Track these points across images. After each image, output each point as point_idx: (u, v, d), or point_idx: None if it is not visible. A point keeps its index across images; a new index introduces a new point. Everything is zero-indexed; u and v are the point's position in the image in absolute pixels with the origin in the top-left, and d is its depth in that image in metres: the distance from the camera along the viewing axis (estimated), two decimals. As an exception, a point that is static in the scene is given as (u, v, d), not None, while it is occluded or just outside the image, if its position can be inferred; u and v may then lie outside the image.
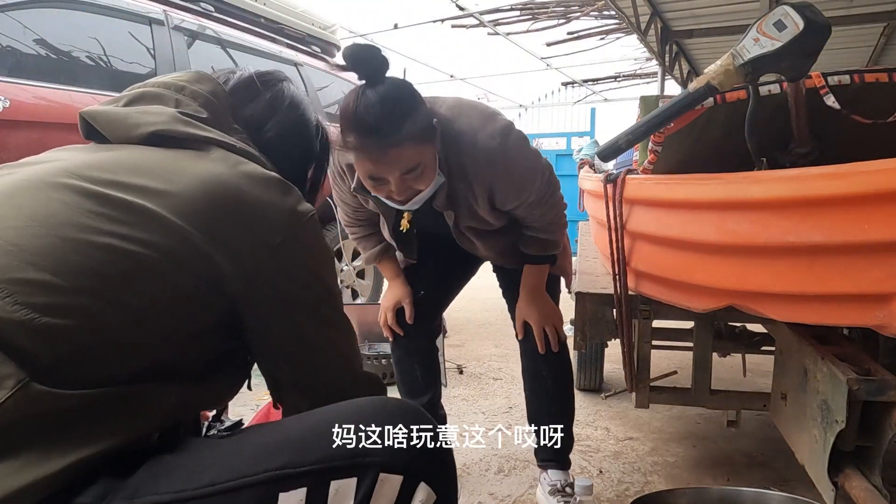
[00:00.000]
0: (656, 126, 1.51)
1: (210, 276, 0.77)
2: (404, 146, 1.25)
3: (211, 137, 0.87)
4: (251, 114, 0.99)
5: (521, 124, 13.17)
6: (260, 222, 0.81)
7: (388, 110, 1.22)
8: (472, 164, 1.42)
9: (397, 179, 1.30)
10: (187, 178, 0.80)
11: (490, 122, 1.44)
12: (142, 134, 0.85)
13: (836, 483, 1.28)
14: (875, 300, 1.07)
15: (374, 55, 1.23)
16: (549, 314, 1.66)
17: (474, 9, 7.91)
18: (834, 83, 1.49)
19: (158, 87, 0.92)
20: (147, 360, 0.73)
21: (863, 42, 6.30)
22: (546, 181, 1.56)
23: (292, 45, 3.96)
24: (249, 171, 0.84)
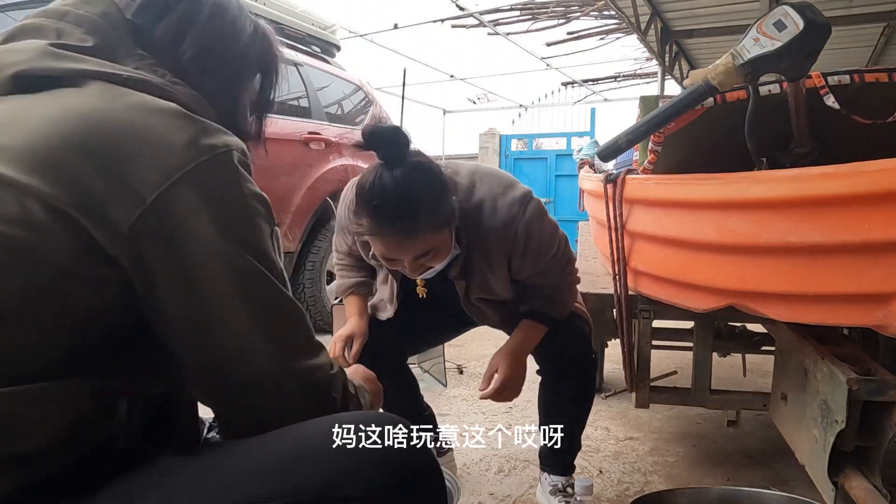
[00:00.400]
0: (656, 126, 1.51)
1: (80, 242, 0.63)
2: (419, 237, 1.24)
3: (90, 70, 0.71)
4: (163, 34, 0.80)
5: (521, 124, 13.19)
6: (140, 165, 0.64)
7: (405, 201, 1.18)
8: (491, 233, 1.41)
9: (410, 262, 1.30)
10: (39, 121, 0.65)
11: (509, 190, 1.43)
12: (5, 77, 0.70)
13: (836, 483, 1.28)
14: (875, 300, 1.07)
15: (397, 137, 1.19)
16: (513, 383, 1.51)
17: (474, 9, 7.90)
18: (834, 83, 1.49)
19: (39, 18, 0.76)
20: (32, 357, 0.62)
21: (863, 42, 6.30)
22: (563, 252, 1.53)
23: (292, 45, 3.96)
24: (133, 102, 0.69)
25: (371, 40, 8.90)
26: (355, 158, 4.03)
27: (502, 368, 1.48)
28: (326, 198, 3.76)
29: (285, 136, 3.54)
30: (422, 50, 9.65)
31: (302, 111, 3.78)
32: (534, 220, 1.42)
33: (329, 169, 3.80)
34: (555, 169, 11.72)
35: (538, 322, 1.54)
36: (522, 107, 13.26)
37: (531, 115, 13.32)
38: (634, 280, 1.84)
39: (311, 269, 3.74)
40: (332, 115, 4.03)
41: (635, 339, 1.87)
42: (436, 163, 1.31)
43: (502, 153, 12.33)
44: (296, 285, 3.73)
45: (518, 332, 1.54)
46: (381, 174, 1.19)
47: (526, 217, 1.41)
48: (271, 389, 0.70)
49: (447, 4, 7.75)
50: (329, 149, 3.83)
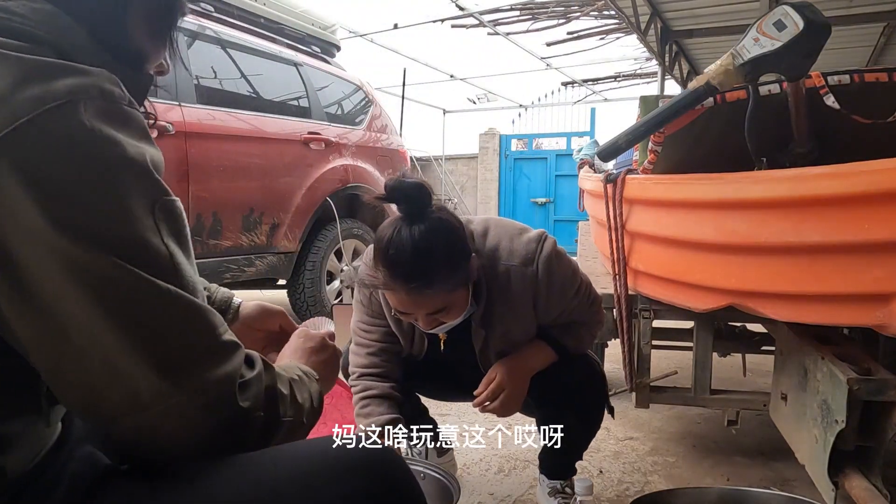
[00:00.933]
0: (656, 126, 1.51)
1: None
2: (432, 296, 1.24)
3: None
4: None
5: (521, 124, 13.19)
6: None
7: (421, 258, 1.18)
8: (511, 275, 1.38)
9: (423, 317, 1.29)
10: None
11: (524, 232, 1.43)
12: None
13: (837, 483, 1.28)
14: (875, 300, 1.07)
15: (419, 192, 1.19)
16: (509, 397, 1.42)
17: (474, 9, 7.90)
18: (834, 83, 1.50)
19: None
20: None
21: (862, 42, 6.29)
22: (587, 289, 1.50)
23: (292, 45, 3.96)
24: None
25: (371, 40, 8.90)
26: (355, 158, 4.03)
27: (499, 377, 1.42)
28: (326, 198, 3.76)
29: (285, 136, 3.55)
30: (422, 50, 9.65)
31: (302, 111, 3.79)
32: (553, 257, 1.39)
33: (329, 169, 3.80)
34: (555, 169, 11.73)
35: (549, 346, 1.48)
36: (522, 107, 13.26)
37: (531, 115, 13.33)
38: (634, 280, 1.84)
39: (311, 270, 3.75)
40: (332, 115, 4.04)
41: (635, 339, 1.87)
42: (457, 218, 1.30)
43: (502, 153, 12.33)
44: (296, 285, 3.73)
45: (525, 349, 1.47)
46: (399, 229, 1.19)
47: (544, 254, 1.38)
48: (160, 412, 0.56)
49: (447, 4, 7.75)
50: (329, 149, 3.84)
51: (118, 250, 0.54)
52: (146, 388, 0.55)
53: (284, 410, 0.66)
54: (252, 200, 3.30)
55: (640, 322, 1.85)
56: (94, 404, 0.56)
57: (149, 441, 0.58)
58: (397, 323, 1.50)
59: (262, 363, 0.66)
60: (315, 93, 3.91)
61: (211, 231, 3.07)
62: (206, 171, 3.01)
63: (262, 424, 0.63)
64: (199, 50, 3.20)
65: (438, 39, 9.46)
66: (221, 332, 0.61)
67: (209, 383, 0.58)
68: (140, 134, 0.58)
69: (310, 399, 0.73)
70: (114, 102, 0.55)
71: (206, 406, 0.58)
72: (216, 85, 3.28)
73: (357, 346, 1.57)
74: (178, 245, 0.60)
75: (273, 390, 0.65)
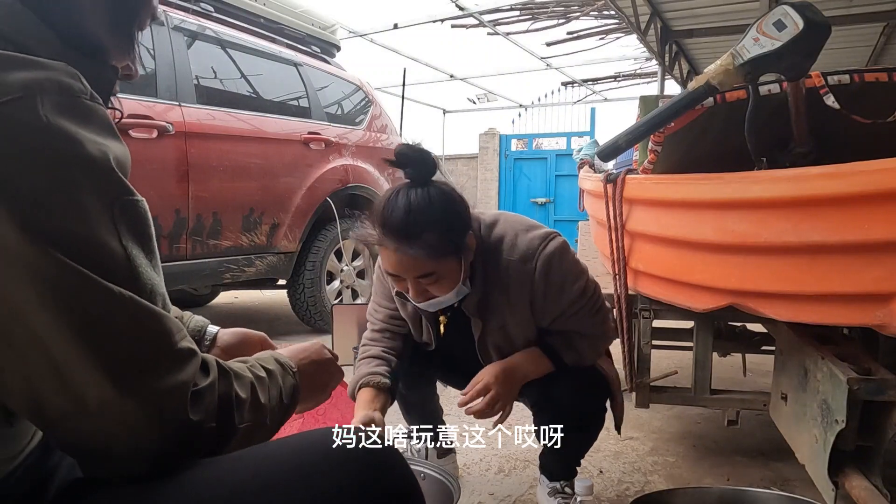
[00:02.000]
0: (656, 126, 1.51)
1: None
2: (418, 256, 1.26)
3: None
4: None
5: (521, 124, 13.19)
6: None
7: (412, 219, 1.24)
8: (511, 269, 1.38)
9: (412, 281, 1.32)
10: None
11: (532, 229, 1.44)
12: None
13: (837, 482, 1.28)
14: (875, 299, 1.07)
15: (425, 159, 1.27)
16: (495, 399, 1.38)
17: (474, 9, 7.90)
18: (834, 83, 1.50)
19: None
20: None
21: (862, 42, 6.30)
22: (593, 295, 1.46)
23: (292, 45, 3.96)
24: None
25: (371, 40, 8.89)
26: (355, 158, 4.03)
27: (487, 378, 1.39)
28: (326, 198, 3.76)
29: (285, 136, 3.55)
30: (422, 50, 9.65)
31: (302, 111, 3.79)
32: (555, 255, 1.39)
33: (329, 169, 3.80)
34: (555, 169, 11.73)
35: (546, 357, 1.44)
36: (522, 107, 13.26)
37: (531, 115, 13.33)
38: (634, 280, 1.84)
39: (311, 270, 3.74)
40: (332, 115, 4.04)
41: (635, 339, 1.87)
42: (461, 195, 1.34)
43: (502, 153, 12.33)
44: (296, 286, 3.73)
45: (520, 355, 1.45)
46: (401, 190, 1.27)
47: (546, 251, 1.38)
48: (106, 420, 0.54)
49: (447, 4, 7.74)
50: (329, 149, 3.83)
51: (68, 249, 0.51)
52: (92, 394, 0.53)
53: (241, 417, 0.64)
54: (252, 200, 3.30)
55: (640, 322, 1.85)
56: (38, 408, 0.54)
57: (93, 450, 0.56)
58: (402, 305, 1.52)
59: (218, 368, 0.63)
60: (315, 93, 3.91)
61: (211, 231, 3.07)
62: (206, 171, 3.01)
63: (215, 434, 0.61)
64: (199, 50, 3.20)
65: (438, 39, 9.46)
66: (177, 339, 0.59)
67: (160, 392, 0.56)
68: (103, 130, 0.55)
69: (278, 396, 0.70)
70: (73, 97, 0.53)
71: (154, 416, 0.55)
72: (216, 85, 3.28)
73: (368, 325, 1.63)
74: (138, 247, 0.57)
75: (228, 398, 0.63)
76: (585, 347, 1.47)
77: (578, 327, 1.46)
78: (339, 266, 4.03)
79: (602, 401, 1.52)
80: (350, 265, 4.09)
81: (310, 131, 3.72)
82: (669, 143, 1.63)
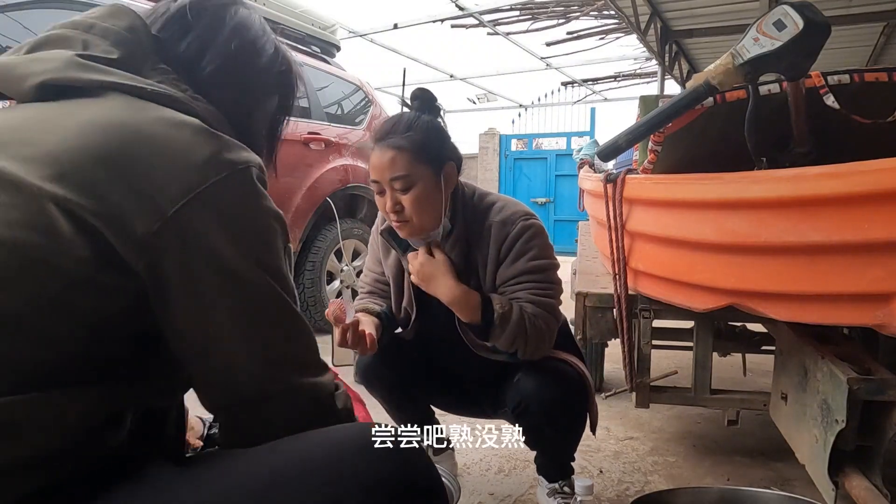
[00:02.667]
0: (656, 126, 1.51)
1: (99, 251, 0.62)
2: (395, 152, 1.38)
3: (115, 82, 0.71)
4: (185, 48, 0.81)
5: (521, 124, 13.19)
6: (161, 177, 0.65)
7: (399, 122, 1.42)
8: (493, 229, 1.47)
9: (388, 186, 1.40)
10: (64, 130, 0.65)
11: (522, 206, 1.54)
12: (31, 86, 0.71)
13: (837, 482, 1.28)
14: (875, 299, 1.07)
15: (430, 98, 1.48)
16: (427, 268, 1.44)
17: (474, 9, 7.90)
18: (834, 83, 1.50)
19: (66, 28, 0.77)
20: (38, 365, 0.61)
21: (862, 41, 6.30)
22: (550, 278, 1.48)
23: (292, 46, 3.95)
24: (154, 116, 0.69)
25: (371, 40, 8.90)
26: (355, 159, 4.03)
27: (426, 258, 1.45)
28: (326, 198, 3.76)
29: (285, 137, 3.53)
30: (422, 50, 9.66)
31: (302, 111, 3.78)
32: (531, 228, 1.47)
33: (329, 169, 3.80)
34: (555, 169, 11.74)
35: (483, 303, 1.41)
36: (522, 107, 13.26)
37: (531, 114, 13.33)
38: (634, 280, 1.84)
39: (311, 270, 3.74)
40: (332, 115, 4.03)
41: (635, 339, 1.87)
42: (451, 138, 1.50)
43: (502, 153, 12.34)
44: (296, 285, 3.73)
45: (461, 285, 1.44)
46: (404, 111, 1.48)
47: (526, 223, 1.47)
48: (277, 406, 0.71)
49: (447, 4, 7.75)
50: (329, 149, 3.83)
51: (271, 274, 0.71)
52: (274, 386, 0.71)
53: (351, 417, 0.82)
54: (252, 200, 3.29)
55: (640, 322, 1.85)
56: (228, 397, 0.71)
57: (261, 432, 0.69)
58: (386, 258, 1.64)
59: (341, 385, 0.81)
60: (315, 93, 3.91)
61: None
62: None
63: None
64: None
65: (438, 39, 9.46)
66: (319, 352, 0.78)
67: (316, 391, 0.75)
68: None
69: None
70: (263, 172, 0.74)
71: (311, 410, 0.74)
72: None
73: (359, 289, 1.79)
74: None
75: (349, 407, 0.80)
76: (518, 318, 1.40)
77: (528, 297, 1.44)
78: (339, 266, 4.03)
79: (582, 397, 1.53)
80: (350, 265, 4.09)
81: (310, 131, 3.72)
82: (669, 143, 1.63)
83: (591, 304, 1.93)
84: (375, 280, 1.69)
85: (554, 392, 1.45)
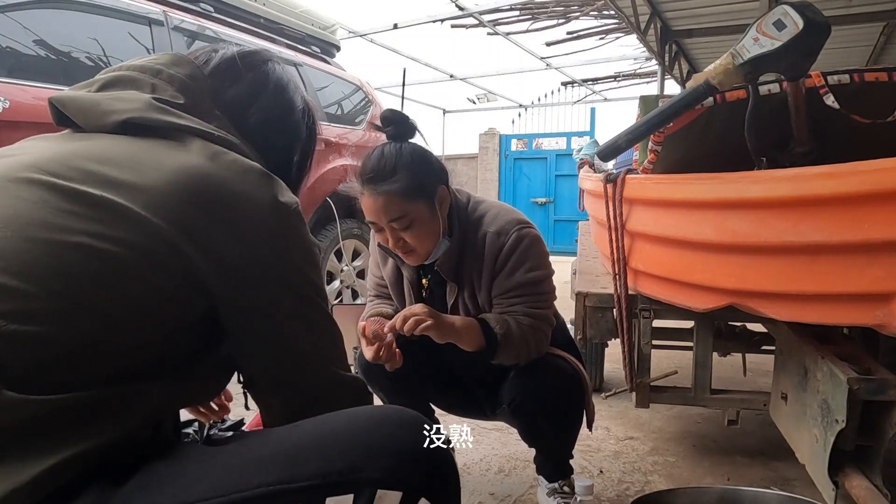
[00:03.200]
0: (656, 126, 1.51)
1: (187, 275, 0.73)
2: (389, 194, 1.35)
3: (189, 126, 0.81)
4: (233, 97, 0.93)
5: (521, 124, 13.19)
6: (240, 216, 0.77)
7: (384, 164, 1.37)
8: (487, 240, 1.46)
9: (388, 227, 1.39)
10: (161, 170, 0.75)
11: (516, 213, 1.53)
12: (115, 122, 0.80)
13: (837, 482, 1.28)
14: (875, 299, 1.07)
15: (405, 121, 1.43)
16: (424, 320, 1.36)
17: (474, 8, 7.90)
18: (834, 82, 1.50)
19: (134, 71, 0.86)
20: (124, 361, 0.70)
21: (862, 41, 6.29)
22: (545, 289, 1.48)
23: (292, 46, 3.96)
24: (229, 161, 0.80)
25: (371, 40, 8.89)
26: (355, 158, 4.03)
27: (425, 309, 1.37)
28: (326, 198, 3.76)
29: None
30: (422, 50, 9.65)
31: (302, 111, 3.78)
32: (526, 238, 1.46)
33: (329, 169, 3.80)
34: (555, 169, 11.74)
35: (482, 328, 1.42)
36: (522, 107, 13.26)
37: (531, 114, 13.32)
38: (634, 280, 1.84)
39: (312, 270, 3.75)
40: (332, 115, 4.03)
41: (635, 339, 1.87)
42: (434, 156, 1.47)
43: (502, 153, 12.34)
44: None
45: (459, 317, 1.45)
46: (379, 146, 1.42)
47: (521, 232, 1.46)
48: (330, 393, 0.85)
49: (447, 4, 7.74)
50: (329, 149, 3.83)
51: (317, 292, 0.86)
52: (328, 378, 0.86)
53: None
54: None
55: (640, 322, 1.85)
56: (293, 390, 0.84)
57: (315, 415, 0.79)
58: (384, 265, 1.65)
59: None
60: (315, 93, 3.91)
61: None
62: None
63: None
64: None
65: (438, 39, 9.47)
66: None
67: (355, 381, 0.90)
68: None
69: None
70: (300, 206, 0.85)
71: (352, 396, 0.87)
72: (216, 85, 3.27)
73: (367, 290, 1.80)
74: None
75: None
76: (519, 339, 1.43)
77: (522, 311, 1.45)
78: (339, 266, 4.02)
79: (578, 392, 1.53)
80: (350, 265, 4.09)
81: (310, 131, 3.72)
82: (669, 143, 1.63)
83: (591, 304, 1.93)
84: (378, 284, 1.71)
85: (549, 387, 1.47)
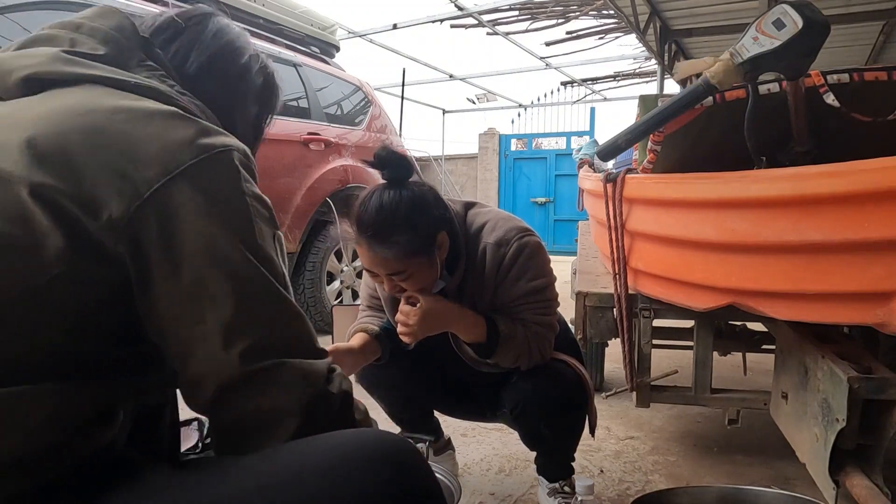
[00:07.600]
0: (656, 125, 1.51)
1: (76, 242, 0.62)
2: (387, 255, 1.30)
3: (94, 75, 0.73)
4: (175, 52, 0.87)
5: (521, 124, 13.18)
6: (137, 158, 0.65)
7: (382, 219, 1.28)
8: (487, 252, 1.42)
9: (386, 278, 1.36)
10: (36, 118, 0.66)
11: (515, 221, 1.48)
12: (16, 80, 0.72)
13: (837, 481, 1.28)
14: (875, 298, 1.07)
15: (402, 162, 1.32)
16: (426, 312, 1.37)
17: (473, 8, 7.90)
18: (833, 81, 1.49)
19: (54, 28, 0.79)
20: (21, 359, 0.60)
21: (862, 40, 6.29)
22: (548, 296, 1.47)
23: (291, 46, 3.96)
24: (130, 104, 0.70)
25: (370, 40, 8.89)
26: (355, 159, 4.03)
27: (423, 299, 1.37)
28: (326, 198, 3.76)
29: (285, 137, 3.54)
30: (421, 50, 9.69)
31: (301, 112, 3.79)
32: (527, 247, 1.42)
33: (329, 169, 3.80)
34: (554, 168, 11.73)
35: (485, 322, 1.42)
36: (522, 106, 13.25)
37: (531, 114, 13.32)
38: (634, 279, 1.84)
39: (311, 270, 3.74)
40: (332, 115, 4.03)
41: (636, 339, 1.87)
42: (436, 195, 1.38)
43: (502, 153, 12.34)
44: (296, 286, 3.73)
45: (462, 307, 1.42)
46: (376, 190, 1.32)
47: (521, 241, 1.43)
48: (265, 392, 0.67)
49: (446, 4, 7.75)
50: (329, 149, 3.83)
51: (255, 255, 0.69)
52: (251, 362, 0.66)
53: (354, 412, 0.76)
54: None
55: (641, 321, 1.85)
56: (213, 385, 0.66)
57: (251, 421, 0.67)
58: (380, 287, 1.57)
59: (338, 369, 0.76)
60: (314, 93, 3.91)
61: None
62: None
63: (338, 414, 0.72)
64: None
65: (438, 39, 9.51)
66: (314, 336, 0.74)
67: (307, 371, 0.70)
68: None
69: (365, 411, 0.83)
70: (248, 158, 0.74)
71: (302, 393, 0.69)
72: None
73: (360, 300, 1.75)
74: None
75: (349, 390, 0.74)
76: (523, 344, 1.43)
77: (528, 318, 1.45)
78: (339, 266, 4.03)
79: (581, 398, 1.52)
80: (350, 265, 4.09)
81: (309, 132, 3.72)
82: (669, 142, 1.63)
83: (591, 304, 1.93)
84: (370, 296, 1.66)
85: (552, 393, 1.46)
